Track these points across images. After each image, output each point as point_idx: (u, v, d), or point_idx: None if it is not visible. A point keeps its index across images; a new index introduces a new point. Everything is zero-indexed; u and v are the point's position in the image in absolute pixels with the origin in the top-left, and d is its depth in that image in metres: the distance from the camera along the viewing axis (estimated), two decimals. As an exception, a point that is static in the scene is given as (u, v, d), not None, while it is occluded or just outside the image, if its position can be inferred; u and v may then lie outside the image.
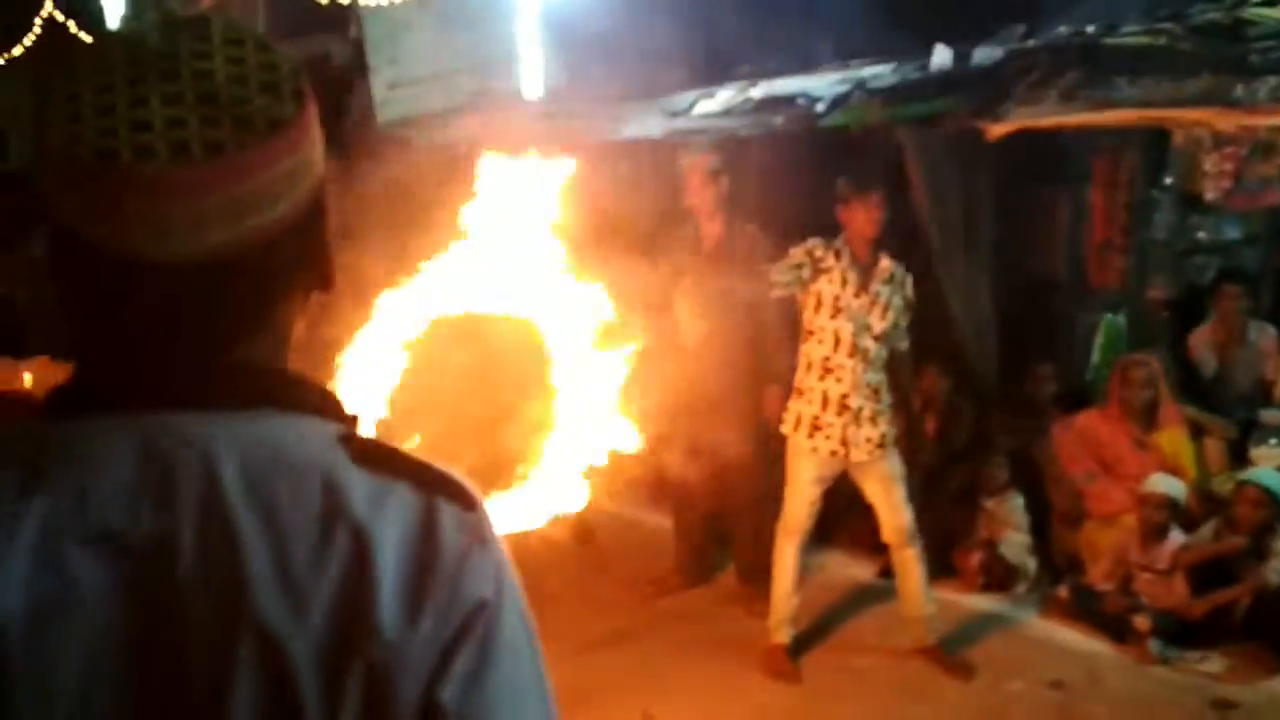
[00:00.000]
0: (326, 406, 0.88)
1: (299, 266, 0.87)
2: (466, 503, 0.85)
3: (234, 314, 0.84)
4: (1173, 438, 4.88)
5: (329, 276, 0.91)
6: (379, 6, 7.87)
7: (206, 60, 0.81)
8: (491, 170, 2.38)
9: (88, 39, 10.02)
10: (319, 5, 8.15)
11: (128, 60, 0.80)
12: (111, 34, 0.87)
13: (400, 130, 7.34)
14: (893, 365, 4.21)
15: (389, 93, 7.78)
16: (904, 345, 4.24)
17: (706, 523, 5.04)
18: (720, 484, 4.70)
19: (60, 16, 10.79)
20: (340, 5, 7.96)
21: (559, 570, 3.76)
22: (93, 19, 10.31)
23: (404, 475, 0.83)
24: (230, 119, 0.79)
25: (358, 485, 0.81)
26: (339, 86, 8.11)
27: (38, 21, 10.95)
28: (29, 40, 10.94)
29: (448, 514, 0.83)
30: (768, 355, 4.62)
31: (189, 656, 0.77)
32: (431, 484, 0.84)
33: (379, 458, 0.84)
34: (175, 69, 0.80)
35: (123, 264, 0.79)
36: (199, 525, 0.78)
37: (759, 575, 4.59)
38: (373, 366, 2.22)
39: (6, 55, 11.32)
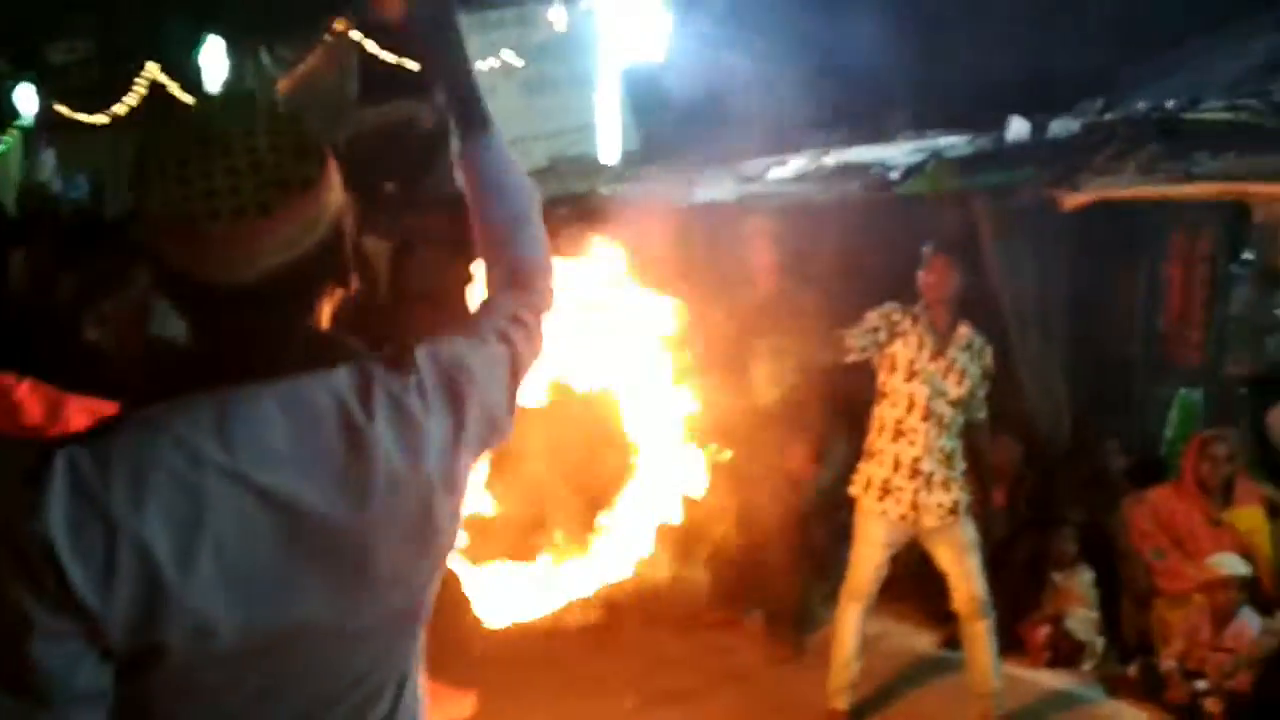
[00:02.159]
0: (371, 354, 1.24)
1: (329, 271, 1.20)
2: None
3: (291, 309, 1.17)
4: (1249, 516, 4.75)
5: (347, 277, 1.23)
6: (464, 73, 8.15)
7: (254, 137, 1.12)
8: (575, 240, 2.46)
9: (188, 99, 10.50)
10: (408, 71, 8.48)
11: (198, 139, 1.12)
12: (183, 115, 1.19)
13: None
14: (969, 434, 4.17)
15: (470, 155, 8.01)
16: (982, 415, 4.21)
17: (741, 572, 5.05)
18: (756, 538, 4.73)
19: (163, 79, 11.34)
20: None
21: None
22: (192, 80, 10.81)
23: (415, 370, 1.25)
24: (274, 183, 1.11)
25: (400, 390, 1.21)
26: (424, 149, 8.39)
27: (140, 81, 11.51)
28: (132, 99, 11.51)
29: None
30: (812, 414, 4.67)
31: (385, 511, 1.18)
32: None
33: (401, 363, 1.25)
34: (231, 145, 1.11)
35: (208, 286, 1.12)
36: (348, 440, 1.15)
37: (786, 626, 4.72)
38: None
39: (110, 113, 11.91)
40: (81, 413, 2.36)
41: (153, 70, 11.26)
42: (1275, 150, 4.63)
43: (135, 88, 11.42)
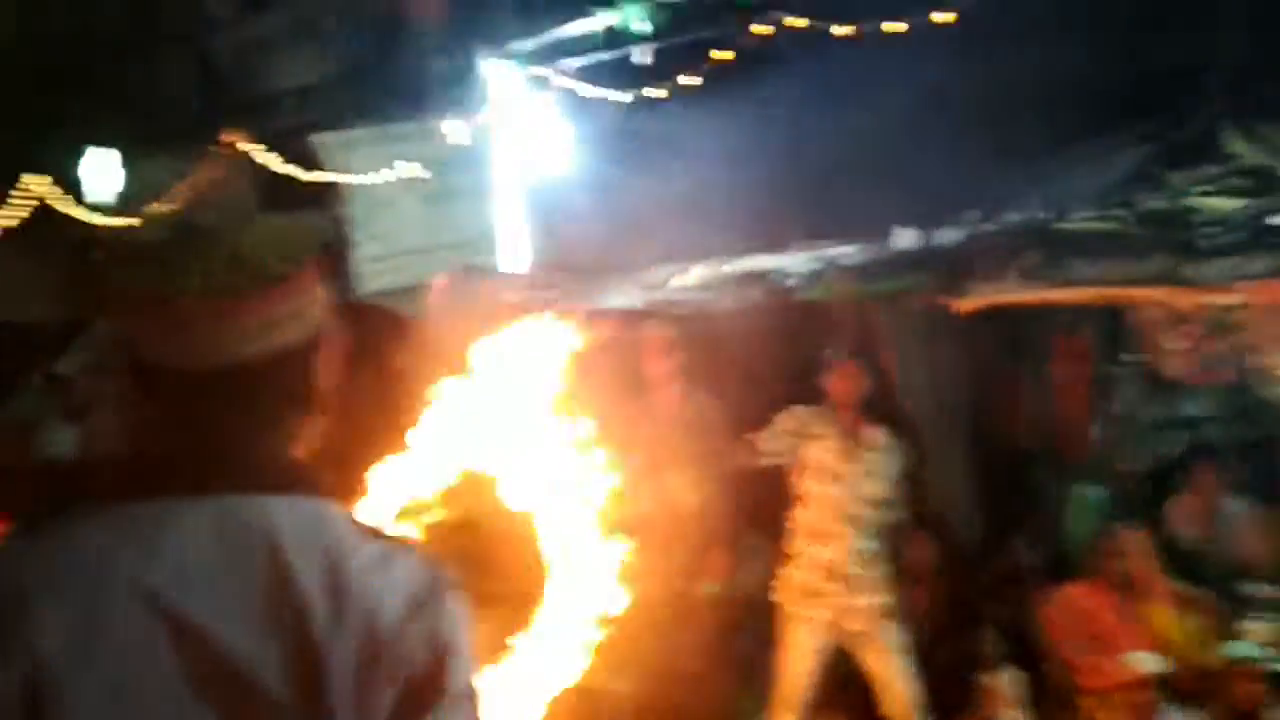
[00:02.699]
0: (332, 493, 1.20)
1: (301, 382, 1.19)
2: (435, 564, 1.19)
3: (257, 411, 1.16)
4: (1160, 612, 4.90)
5: (316, 399, 1.22)
6: (364, 185, 8.18)
7: (239, 234, 1.18)
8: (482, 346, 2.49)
9: (78, 213, 10.19)
10: (301, 183, 8.45)
11: (184, 234, 1.20)
12: (177, 216, 1.15)
13: (385, 301, 7.51)
14: (890, 534, 4.25)
15: (371, 265, 7.99)
16: (900, 515, 4.30)
17: (666, 684, 4.97)
18: (679, 648, 4.69)
19: (45, 192, 11.00)
20: (328, 184, 8.26)
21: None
22: (72, 191, 10.51)
23: (391, 544, 1.18)
24: (248, 271, 1.13)
25: (364, 549, 1.14)
26: (327, 259, 8.32)
27: (20, 196, 11.14)
28: (11, 215, 11.10)
29: (430, 571, 1.17)
30: (728, 520, 4.70)
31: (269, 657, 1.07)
32: (410, 551, 1.19)
33: (373, 532, 1.19)
34: (216, 239, 1.16)
35: (170, 373, 1.13)
36: (269, 584, 1.08)
37: None
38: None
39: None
40: None
41: (36, 184, 10.93)
42: (1145, 258, 4.96)
43: (12, 203, 11.04)
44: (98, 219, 9.63)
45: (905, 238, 6.20)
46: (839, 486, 4.14)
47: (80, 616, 1.03)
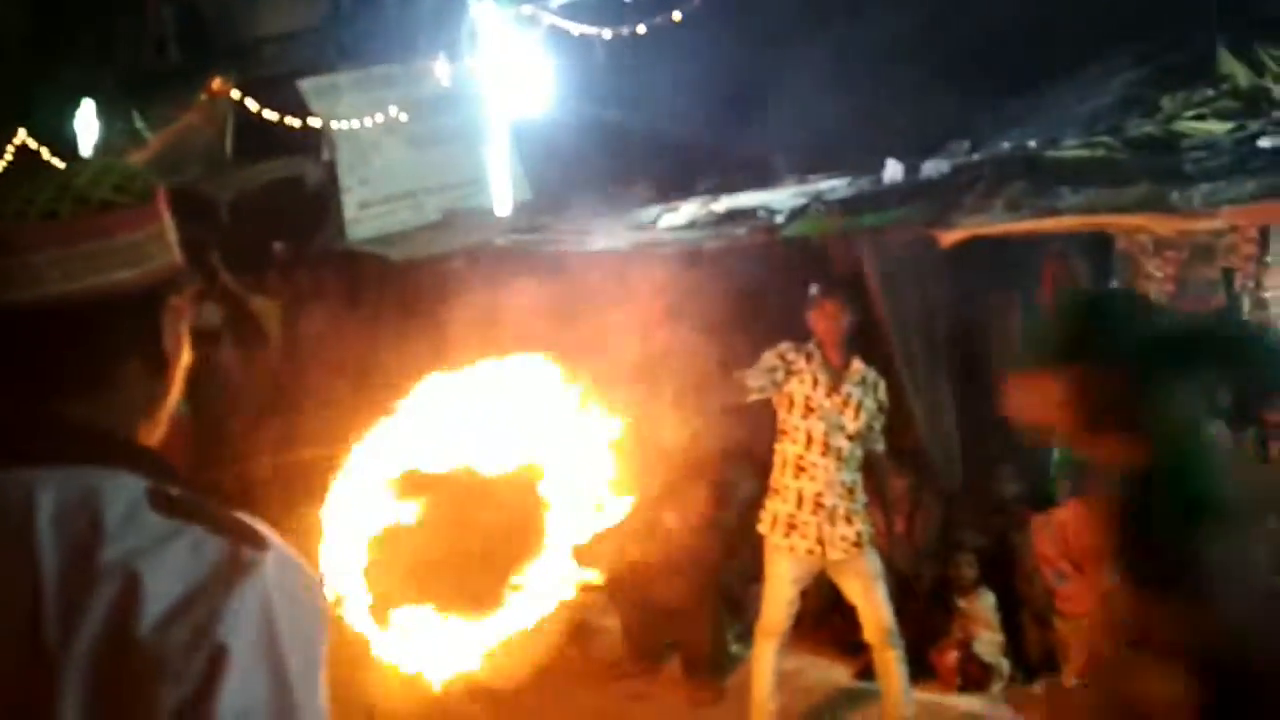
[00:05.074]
0: (144, 465, 1.01)
1: (134, 337, 1.04)
2: (253, 544, 0.96)
3: (69, 365, 1.01)
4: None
5: (165, 358, 1.07)
6: (350, 129, 8.13)
7: (80, 174, 1.04)
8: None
9: (59, 164, 10.22)
10: (292, 130, 8.39)
11: (34, 176, 1.04)
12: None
13: (375, 247, 7.50)
14: (868, 466, 4.31)
15: (360, 211, 7.97)
16: (880, 447, 4.35)
17: (653, 619, 5.08)
18: (667, 582, 4.78)
19: (33, 144, 10.97)
20: (313, 129, 8.20)
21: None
22: (66, 144, 10.48)
23: (197, 521, 0.96)
24: (71, 199, 1.01)
25: (147, 526, 0.94)
26: (312, 207, 8.30)
27: (10, 148, 11.11)
28: (0, 165, 11.09)
29: (227, 553, 0.94)
30: (714, 456, 4.77)
31: None
32: (222, 528, 0.96)
33: (175, 507, 0.97)
34: (61, 179, 1.03)
35: None
36: (5, 577, 0.92)
37: (703, 668, 4.75)
38: (357, 505, 2.25)
39: (-25, 180, 11.46)
40: None
41: (21, 136, 10.88)
42: (1131, 183, 4.93)
43: (3, 154, 11.01)
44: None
45: (893, 170, 6.16)
46: (819, 419, 4.18)
47: None
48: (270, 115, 8.59)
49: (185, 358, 1.11)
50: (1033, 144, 5.83)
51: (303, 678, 0.95)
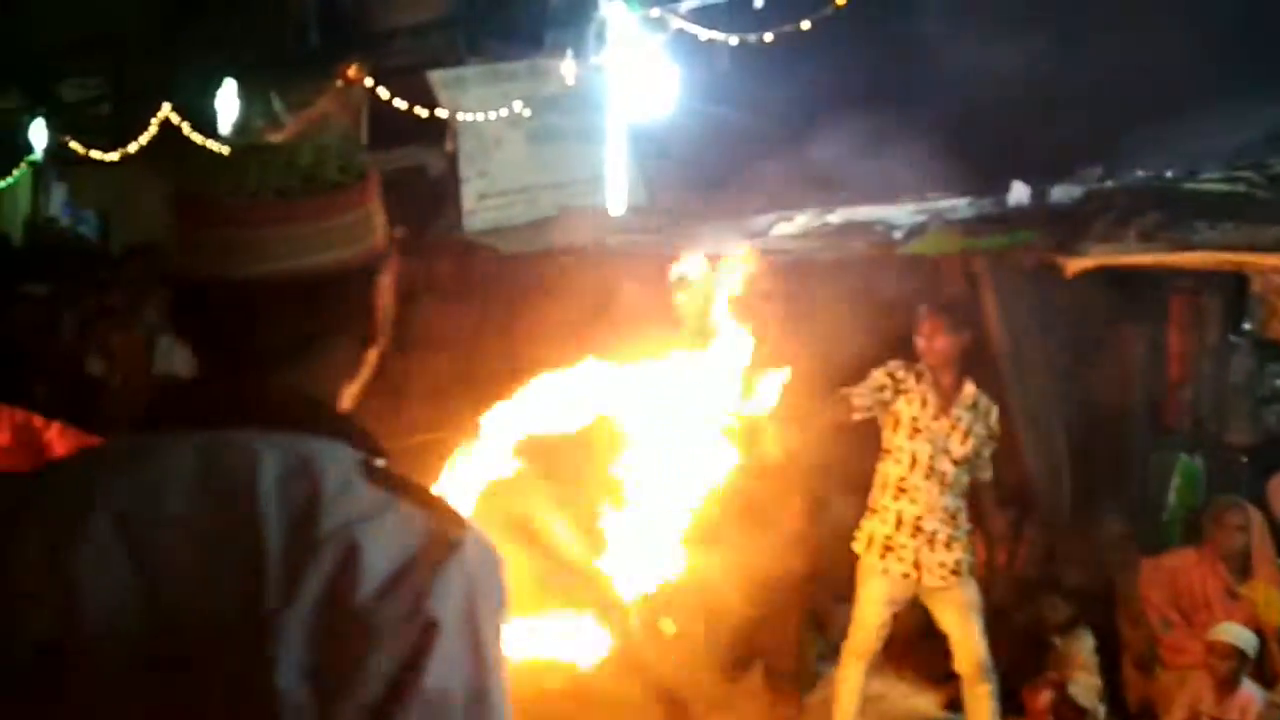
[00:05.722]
0: (357, 438, 1.05)
1: (349, 312, 1.09)
2: (455, 523, 0.99)
3: (287, 334, 1.05)
4: (1265, 589, 4.73)
5: (374, 332, 1.12)
6: (474, 122, 8.29)
7: (300, 148, 1.08)
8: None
9: (199, 139, 10.63)
10: (418, 119, 8.61)
11: (246, 148, 1.12)
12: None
13: (489, 239, 7.64)
14: (974, 494, 4.20)
15: (478, 203, 8.13)
16: (986, 475, 4.24)
17: (737, 627, 5.04)
18: (754, 593, 4.74)
19: (175, 119, 11.48)
20: (438, 120, 8.40)
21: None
22: (205, 121, 10.94)
23: (403, 494, 0.99)
24: (301, 173, 1.05)
25: (362, 497, 0.97)
26: (433, 196, 8.49)
27: (154, 122, 11.64)
28: (145, 138, 11.63)
29: (434, 529, 0.97)
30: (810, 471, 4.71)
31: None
32: (426, 503, 1.00)
33: (383, 479, 1.00)
34: (276, 150, 1.09)
35: (207, 285, 1.04)
36: (230, 537, 0.94)
37: (786, 681, 4.74)
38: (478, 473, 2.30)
39: (121, 150, 12.02)
40: None
41: (166, 110, 11.39)
42: (1272, 221, 4.71)
43: (148, 127, 11.54)
44: (214, 146, 10.01)
45: (1020, 192, 6.00)
46: (926, 441, 4.09)
47: (56, 530, 0.96)
48: (400, 104, 8.83)
49: (384, 336, 1.15)
50: (1170, 174, 5.63)
51: (496, 660, 0.97)
